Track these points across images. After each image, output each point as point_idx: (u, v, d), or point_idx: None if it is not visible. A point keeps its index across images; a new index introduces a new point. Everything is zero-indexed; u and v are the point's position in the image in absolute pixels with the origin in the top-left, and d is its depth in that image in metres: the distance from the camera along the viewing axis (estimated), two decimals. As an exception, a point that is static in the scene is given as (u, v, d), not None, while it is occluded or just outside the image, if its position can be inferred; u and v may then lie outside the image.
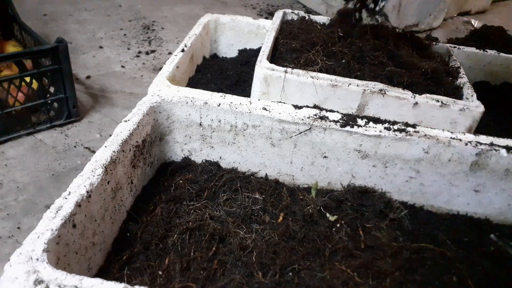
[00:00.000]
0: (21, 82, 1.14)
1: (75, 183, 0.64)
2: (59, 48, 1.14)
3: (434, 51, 1.16)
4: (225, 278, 0.65)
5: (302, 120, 0.83)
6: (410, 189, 0.88)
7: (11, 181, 1.06)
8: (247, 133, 0.87)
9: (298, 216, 0.79)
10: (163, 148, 0.91)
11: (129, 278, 0.65)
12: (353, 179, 0.89)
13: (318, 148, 0.86)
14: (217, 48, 1.38)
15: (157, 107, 0.85)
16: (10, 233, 0.92)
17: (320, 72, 0.95)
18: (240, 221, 0.77)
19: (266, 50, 0.99)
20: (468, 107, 0.91)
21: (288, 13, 1.26)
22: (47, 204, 1.00)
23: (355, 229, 0.79)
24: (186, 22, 2.08)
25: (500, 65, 1.30)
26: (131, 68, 1.63)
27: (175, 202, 0.80)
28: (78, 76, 1.53)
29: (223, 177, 0.87)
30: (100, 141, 1.22)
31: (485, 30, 1.97)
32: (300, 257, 0.70)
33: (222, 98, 0.86)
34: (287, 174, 0.91)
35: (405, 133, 0.82)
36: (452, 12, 2.49)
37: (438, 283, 0.69)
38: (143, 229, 0.74)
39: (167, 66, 0.97)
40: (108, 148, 0.71)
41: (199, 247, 0.71)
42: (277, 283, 0.65)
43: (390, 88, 0.92)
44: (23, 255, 0.53)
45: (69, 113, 1.26)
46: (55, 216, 0.57)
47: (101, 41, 1.81)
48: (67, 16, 2.01)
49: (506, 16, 2.69)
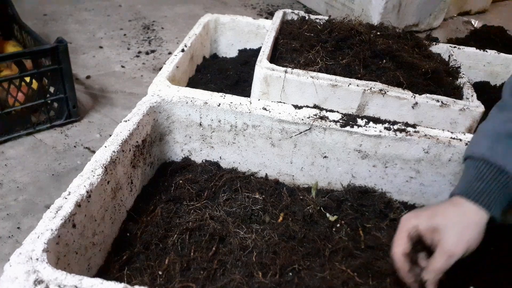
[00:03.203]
0: (21, 82, 1.14)
1: (75, 183, 0.64)
2: (59, 48, 1.14)
3: (434, 51, 1.16)
4: (225, 278, 0.65)
5: (302, 120, 0.83)
6: (410, 189, 0.88)
7: (11, 181, 1.06)
8: (247, 133, 0.87)
9: (298, 216, 0.79)
10: (163, 148, 0.91)
11: (129, 278, 0.65)
12: (353, 179, 0.89)
13: (318, 148, 0.86)
14: (217, 48, 1.38)
15: (157, 107, 0.85)
16: (10, 233, 0.92)
17: (320, 72, 0.94)
18: (240, 221, 0.77)
19: (266, 50, 0.99)
20: (468, 107, 0.91)
21: (288, 13, 1.26)
22: (47, 204, 1.00)
23: (355, 229, 0.79)
24: (186, 22, 2.08)
25: (500, 65, 1.30)
26: (131, 68, 1.63)
27: (175, 202, 0.80)
28: (78, 76, 1.53)
29: (223, 177, 0.87)
30: (100, 141, 1.22)
31: (485, 30, 1.97)
32: (300, 257, 0.70)
33: (222, 98, 0.86)
34: (287, 174, 0.91)
35: (405, 133, 0.82)
36: (452, 12, 2.49)
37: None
38: (143, 229, 0.74)
39: (167, 66, 0.97)
40: (108, 148, 0.71)
41: (199, 247, 0.71)
42: (277, 283, 0.65)
43: (390, 88, 0.92)
44: (23, 255, 0.53)
45: (69, 113, 1.26)
46: (55, 216, 0.57)
47: (101, 41, 1.81)
48: (67, 16, 2.01)
49: (506, 16, 2.70)
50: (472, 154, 0.65)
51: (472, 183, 0.62)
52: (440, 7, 2.21)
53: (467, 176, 0.65)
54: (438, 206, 0.64)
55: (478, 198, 0.61)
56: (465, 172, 0.66)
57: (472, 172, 0.64)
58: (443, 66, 1.07)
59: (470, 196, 0.62)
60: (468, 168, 0.66)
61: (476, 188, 0.62)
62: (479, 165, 0.63)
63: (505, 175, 0.60)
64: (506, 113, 0.66)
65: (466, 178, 0.65)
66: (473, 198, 0.61)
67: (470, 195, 0.62)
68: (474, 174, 0.63)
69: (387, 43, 1.04)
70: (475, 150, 0.65)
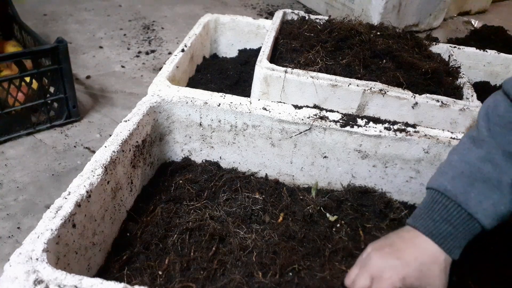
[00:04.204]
0: (21, 82, 1.14)
1: (75, 183, 0.64)
2: (59, 48, 1.14)
3: (434, 51, 1.16)
4: (225, 278, 0.65)
5: (302, 120, 0.83)
6: (410, 189, 0.88)
7: (11, 181, 1.06)
8: (247, 133, 0.87)
9: (298, 216, 0.79)
10: (163, 148, 0.91)
11: (129, 278, 0.65)
12: (353, 179, 0.89)
13: (318, 148, 0.86)
14: (217, 48, 1.38)
15: (157, 107, 0.85)
16: (10, 233, 0.92)
17: (320, 72, 0.94)
18: (240, 221, 0.77)
19: (266, 50, 0.99)
20: (468, 107, 0.91)
21: (288, 13, 1.26)
22: (47, 204, 1.00)
23: (355, 229, 0.79)
24: (186, 22, 2.08)
25: (500, 65, 1.30)
26: (131, 68, 1.63)
27: (175, 202, 0.80)
28: (78, 76, 1.53)
29: (223, 177, 0.87)
30: (100, 141, 1.22)
31: (485, 30, 1.97)
32: (300, 257, 0.70)
33: (222, 98, 0.86)
34: (287, 174, 0.91)
35: (405, 133, 0.82)
36: (452, 12, 2.49)
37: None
38: (143, 229, 0.74)
39: (167, 66, 0.97)
40: (108, 148, 0.71)
41: (199, 247, 0.71)
42: (277, 283, 0.65)
43: (390, 88, 0.92)
44: (23, 255, 0.53)
45: (69, 113, 1.26)
46: (55, 216, 0.57)
47: (101, 41, 1.81)
48: (67, 16, 2.01)
49: (506, 16, 2.69)
50: (443, 189, 0.60)
51: (439, 223, 0.59)
52: (440, 7, 2.21)
53: (432, 211, 0.60)
54: (400, 249, 0.59)
55: (443, 242, 0.58)
56: (430, 204, 0.61)
57: (439, 209, 0.59)
58: (443, 66, 1.07)
59: (436, 238, 0.58)
60: (435, 202, 0.60)
61: (443, 231, 0.58)
62: (449, 205, 0.59)
63: (475, 222, 0.57)
64: (481, 151, 0.60)
65: (431, 214, 0.60)
66: (438, 240, 0.58)
67: (436, 236, 0.58)
68: (441, 212, 0.59)
69: (387, 43, 1.04)
70: (446, 185, 0.60)
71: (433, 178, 0.64)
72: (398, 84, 0.94)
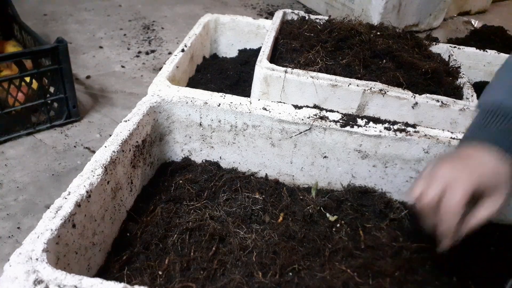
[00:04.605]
0: (21, 82, 1.14)
1: (75, 183, 0.64)
2: (59, 48, 1.14)
3: (434, 51, 1.16)
4: (225, 278, 0.65)
5: (302, 120, 0.83)
6: (410, 189, 0.87)
7: (11, 181, 1.06)
8: (247, 133, 0.87)
9: (298, 216, 0.79)
10: (163, 148, 0.91)
11: (129, 278, 0.65)
12: (353, 179, 0.89)
13: (318, 148, 0.86)
14: (217, 48, 1.38)
15: (157, 107, 0.85)
16: (10, 233, 0.92)
17: (320, 72, 0.94)
18: (240, 221, 0.77)
19: (266, 50, 0.99)
20: (468, 107, 0.91)
21: (288, 13, 1.26)
22: (47, 204, 1.00)
23: (355, 229, 0.79)
24: (186, 22, 2.08)
25: (500, 65, 1.30)
26: (131, 68, 1.63)
27: (175, 202, 0.80)
28: (78, 76, 1.53)
29: (223, 177, 0.87)
30: (100, 141, 1.22)
31: (485, 30, 1.97)
32: (300, 257, 0.70)
33: (222, 98, 0.86)
34: (287, 174, 0.91)
35: (405, 133, 0.82)
36: (452, 12, 2.49)
37: (438, 283, 0.69)
38: (143, 229, 0.74)
39: (167, 66, 0.97)
40: (108, 148, 0.71)
41: (199, 247, 0.71)
42: (277, 283, 0.65)
43: (390, 88, 0.92)
44: (23, 255, 0.53)
45: (69, 113, 1.26)
46: (54, 216, 0.57)
47: (101, 41, 1.81)
48: (67, 16, 2.01)
49: (506, 16, 2.69)
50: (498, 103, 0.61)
51: (502, 133, 0.60)
52: (440, 7, 2.21)
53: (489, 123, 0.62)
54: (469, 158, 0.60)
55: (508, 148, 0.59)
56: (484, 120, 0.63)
57: (497, 121, 0.61)
58: (443, 66, 1.07)
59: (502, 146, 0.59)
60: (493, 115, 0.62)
61: (506, 139, 0.59)
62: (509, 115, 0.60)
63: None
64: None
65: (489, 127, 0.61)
66: (506, 147, 0.59)
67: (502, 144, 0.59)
68: (501, 124, 0.60)
69: (387, 43, 1.04)
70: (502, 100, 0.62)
71: (482, 97, 0.66)
72: (398, 84, 0.94)
